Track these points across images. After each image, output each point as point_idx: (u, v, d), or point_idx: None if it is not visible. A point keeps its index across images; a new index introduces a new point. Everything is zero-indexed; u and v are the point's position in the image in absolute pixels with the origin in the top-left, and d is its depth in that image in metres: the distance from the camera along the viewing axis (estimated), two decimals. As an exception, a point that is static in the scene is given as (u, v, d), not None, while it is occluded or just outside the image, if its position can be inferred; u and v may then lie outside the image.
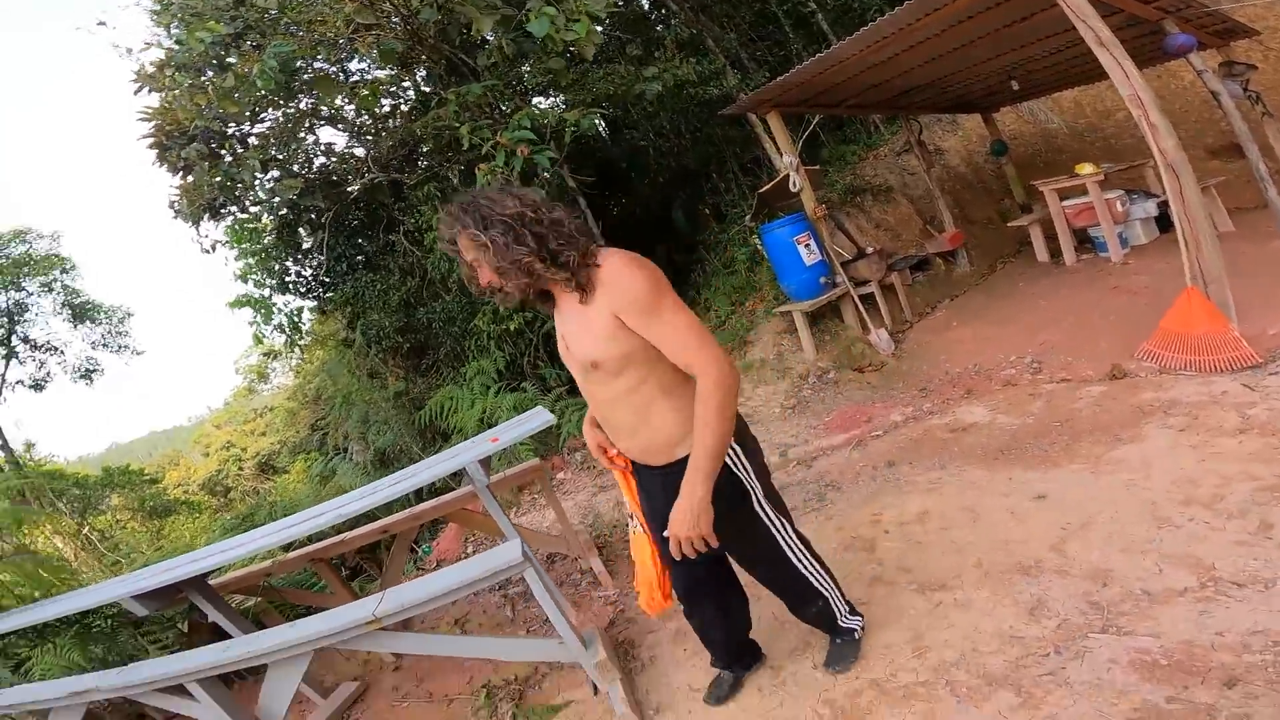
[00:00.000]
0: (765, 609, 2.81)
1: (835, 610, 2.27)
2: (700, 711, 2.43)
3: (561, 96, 7.22)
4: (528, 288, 1.75)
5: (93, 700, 2.81)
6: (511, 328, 6.63)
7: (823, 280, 5.66)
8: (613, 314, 1.67)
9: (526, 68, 6.61)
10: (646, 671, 2.77)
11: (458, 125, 6.23)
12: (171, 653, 3.43)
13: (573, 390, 6.05)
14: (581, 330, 1.74)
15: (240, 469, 17.64)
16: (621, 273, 1.67)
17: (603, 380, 1.78)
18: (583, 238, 1.72)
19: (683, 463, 1.77)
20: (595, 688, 2.73)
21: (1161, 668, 1.89)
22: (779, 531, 2.07)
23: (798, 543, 2.14)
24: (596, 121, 5.89)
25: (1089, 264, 6.09)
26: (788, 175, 5.85)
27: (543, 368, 6.89)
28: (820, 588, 2.20)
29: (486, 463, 3.32)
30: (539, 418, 3.35)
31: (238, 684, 3.71)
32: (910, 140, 7.42)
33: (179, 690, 2.70)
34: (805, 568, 2.15)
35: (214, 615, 3.28)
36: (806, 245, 5.64)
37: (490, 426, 5.35)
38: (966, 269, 6.93)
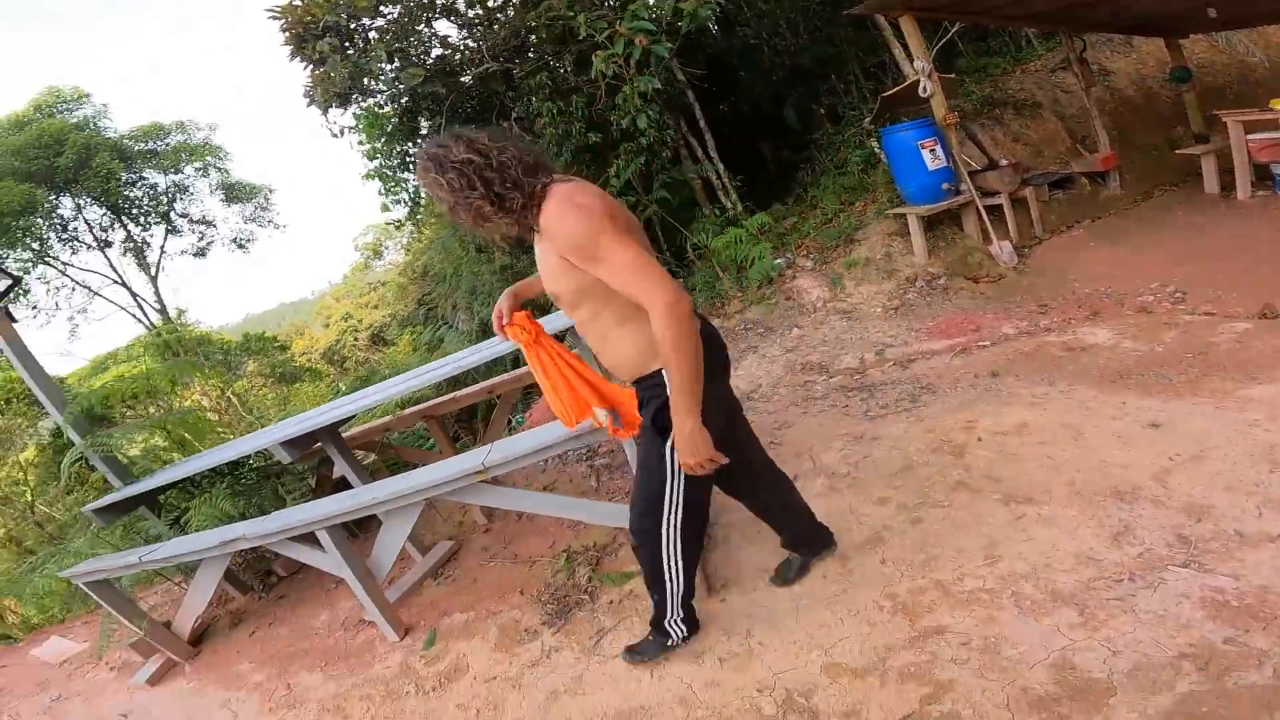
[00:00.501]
0: (842, 500, 2.88)
1: (669, 607, 2.20)
2: (764, 590, 2.50)
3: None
4: (485, 227, 1.80)
5: (239, 548, 3.17)
6: (619, 209, 6.69)
7: (945, 186, 5.38)
8: (559, 254, 1.72)
9: None
10: (718, 549, 2.85)
11: (571, 15, 6.11)
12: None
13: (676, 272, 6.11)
14: (543, 264, 1.81)
15: (355, 339, 19.07)
16: (558, 218, 1.67)
17: (575, 305, 1.84)
18: (530, 179, 1.71)
19: (648, 378, 1.87)
20: None
21: (1230, 609, 1.84)
22: (671, 481, 1.96)
23: (679, 513, 2.01)
24: (712, 12, 5.62)
25: (1263, 200, 5.46)
26: (917, 80, 5.50)
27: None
28: (668, 575, 2.10)
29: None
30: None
31: (351, 541, 4.23)
32: (1070, 57, 6.72)
33: (309, 539, 3.04)
34: (668, 541, 2.04)
35: (340, 466, 3.63)
36: (931, 150, 5.38)
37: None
38: (1116, 192, 6.35)
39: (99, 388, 4.52)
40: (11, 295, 4.14)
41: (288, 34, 6.66)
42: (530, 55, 7.38)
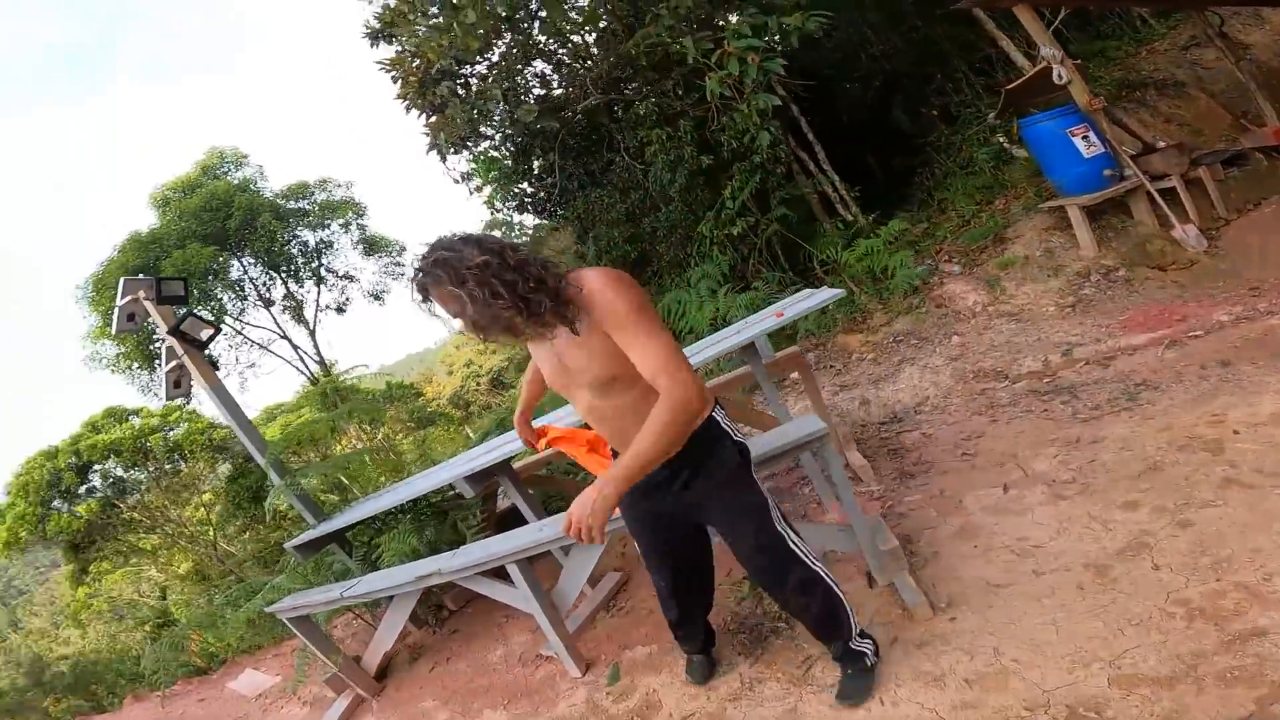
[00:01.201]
0: (1074, 508, 2.58)
1: (845, 617, 2.11)
2: (1001, 607, 2.27)
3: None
4: (503, 338, 1.72)
5: (432, 583, 3.14)
6: (735, 231, 6.61)
7: (1107, 173, 4.98)
8: (604, 332, 1.68)
9: None
10: (929, 566, 2.65)
11: (669, 40, 6.15)
12: (478, 538, 3.73)
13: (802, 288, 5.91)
14: (586, 355, 1.75)
15: (477, 384, 19.87)
16: (602, 292, 1.66)
17: (620, 391, 1.81)
18: (550, 276, 1.66)
19: (694, 438, 1.87)
20: (871, 579, 2.67)
21: None
22: (770, 502, 2.03)
23: (788, 526, 2.06)
24: (819, 24, 5.49)
25: None
26: (1043, 70, 5.19)
27: (765, 272, 6.81)
28: (819, 572, 2.05)
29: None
30: (825, 294, 3.25)
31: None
32: (1207, 33, 6.25)
33: (498, 574, 3.00)
34: (796, 546, 2.05)
35: (515, 499, 3.60)
36: (1084, 137, 5.01)
37: (724, 325, 5.40)
38: (1297, 164, 5.66)
39: (281, 435, 4.78)
40: (211, 343, 4.43)
41: (404, 83, 7.03)
42: (631, 86, 7.56)
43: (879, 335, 5.52)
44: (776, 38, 5.73)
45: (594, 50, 7.41)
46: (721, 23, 6.52)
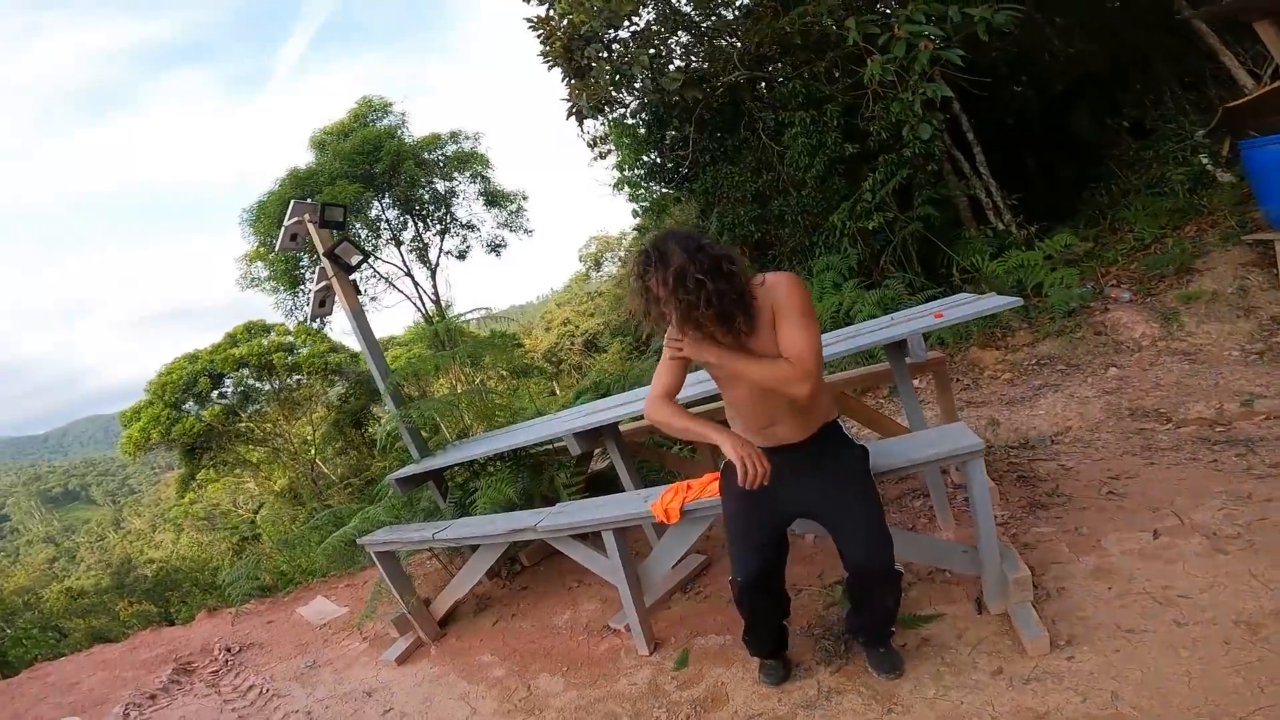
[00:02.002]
0: (1234, 564, 2.28)
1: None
2: (1127, 652, 2.08)
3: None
4: (695, 331, 2.02)
5: (525, 538, 3.13)
6: (870, 226, 6.27)
7: (1331, 207, 4.23)
8: (771, 308, 1.98)
9: None
10: (1053, 602, 2.43)
11: (830, 22, 5.80)
12: (574, 498, 3.74)
13: (937, 295, 5.50)
14: (760, 345, 2.01)
15: (572, 344, 20.30)
16: (787, 285, 1.99)
17: None
18: (747, 285, 1.96)
19: (826, 428, 2.20)
20: (980, 605, 2.49)
21: None
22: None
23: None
24: (1008, 19, 4.96)
25: None
26: (1275, 89, 4.67)
27: (895, 272, 6.42)
28: (901, 571, 2.15)
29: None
30: (996, 300, 2.94)
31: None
32: None
33: (590, 538, 2.96)
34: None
35: (617, 464, 3.51)
36: None
37: (848, 322, 5.13)
38: None
39: (395, 367, 4.94)
40: (360, 269, 4.66)
41: (551, 45, 7.07)
42: (777, 65, 7.26)
43: (1019, 355, 5.07)
44: (951, 28, 5.27)
45: (741, 26, 7.17)
46: (887, 10, 6.11)
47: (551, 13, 6.99)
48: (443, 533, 3.45)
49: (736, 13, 7.34)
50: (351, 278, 4.53)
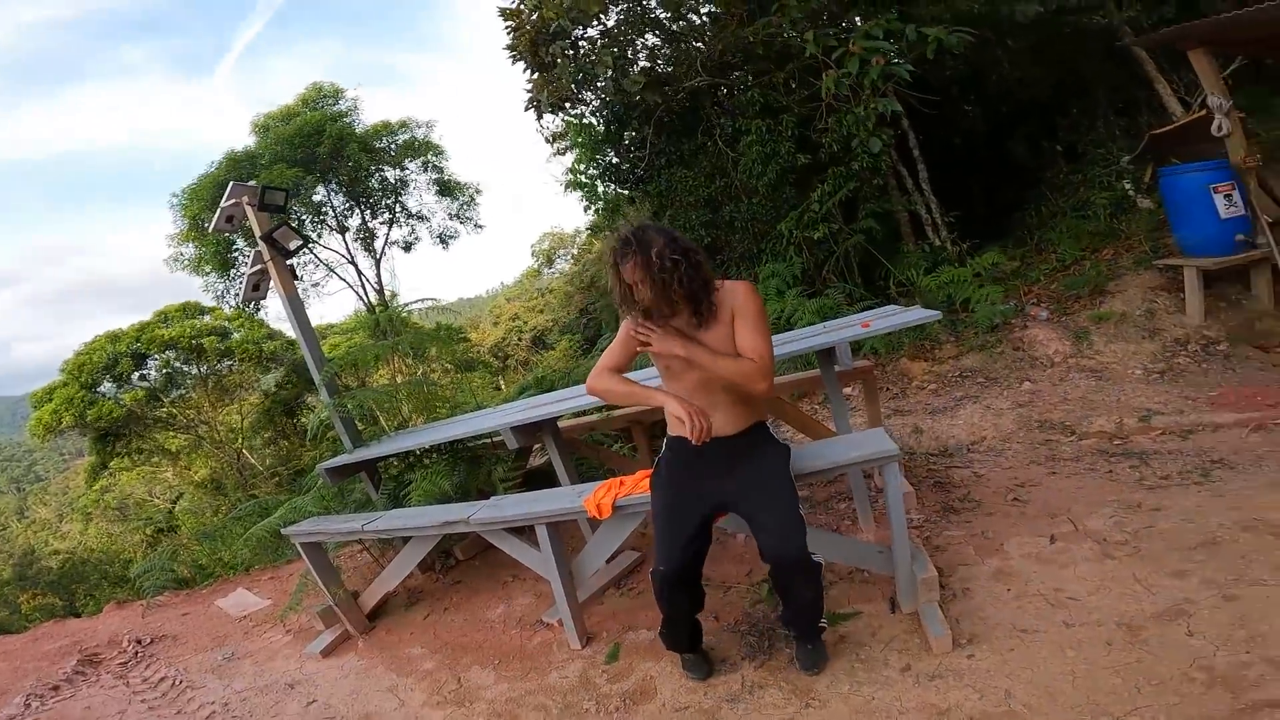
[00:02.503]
0: (1120, 568, 2.46)
1: (822, 607, 2.35)
2: (1023, 651, 2.23)
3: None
4: (655, 307, 2.19)
5: (458, 530, 3.12)
6: (816, 236, 6.43)
7: (1239, 238, 4.58)
8: (731, 310, 2.20)
9: None
10: (958, 602, 2.59)
11: (794, 33, 5.95)
12: (509, 492, 3.71)
13: (874, 305, 5.72)
14: (721, 337, 2.22)
15: (519, 340, 20.13)
16: (746, 292, 2.23)
17: None
18: (709, 278, 2.21)
19: (756, 426, 2.37)
20: (894, 605, 2.64)
21: None
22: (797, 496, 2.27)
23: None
24: (960, 41, 5.18)
25: None
26: (1198, 119, 4.89)
27: (836, 282, 6.63)
28: (821, 563, 2.22)
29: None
30: (918, 313, 3.12)
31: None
32: None
33: (524, 532, 2.98)
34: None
35: (556, 459, 3.53)
36: (1227, 196, 4.58)
37: (789, 328, 5.27)
38: None
39: (333, 356, 4.85)
40: (298, 254, 4.54)
41: (517, 38, 7.03)
42: (739, 73, 7.38)
43: (945, 367, 5.32)
44: (905, 46, 5.48)
45: (708, 31, 7.27)
46: (846, 24, 6.30)
47: (522, 6, 6.97)
48: (373, 524, 3.41)
49: (704, 18, 7.43)
50: (289, 263, 4.43)
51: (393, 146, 12.82)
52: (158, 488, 12.43)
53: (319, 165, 11.80)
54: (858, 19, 6.27)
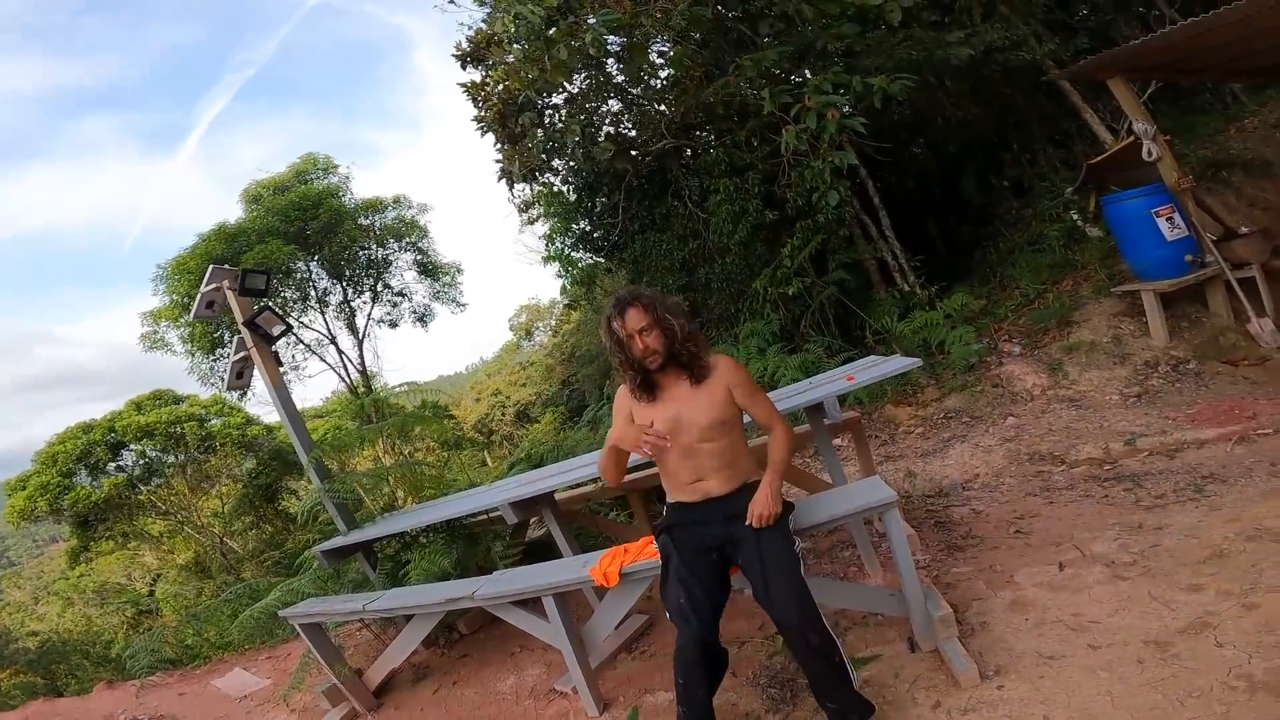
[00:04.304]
0: (1134, 588, 2.50)
1: (852, 674, 2.24)
2: (1052, 678, 2.22)
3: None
4: (661, 360, 2.33)
5: (462, 606, 3.11)
6: (790, 291, 6.57)
7: (1188, 259, 4.82)
8: (727, 387, 2.36)
9: (813, 33, 6.41)
10: (977, 636, 2.59)
11: (751, 91, 6.25)
12: (510, 566, 3.72)
13: (854, 357, 5.83)
14: (702, 403, 2.35)
15: (503, 414, 20.02)
16: (732, 364, 2.42)
17: (722, 434, 2.37)
18: (701, 338, 2.42)
19: (748, 485, 2.40)
20: (913, 645, 2.62)
21: None
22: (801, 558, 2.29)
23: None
24: (903, 89, 5.50)
25: None
26: (1129, 145, 5.13)
27: (814, 335, 6.75)
28: (829, 628, 2.18)
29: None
30: (899, 362, 3.22)
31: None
32: None
33: (530, 604, 2.96)
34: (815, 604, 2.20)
35: (554, 530, 3.53)
36: (1169, 219, 4.83)
37: (774, 387, 5.35)
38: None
39: (318, 440, 4.82)
40: (280, 340, 4.53)
41: (486, 110, 7.23)
42: (701, 133, 7.63)
43: (929, 410, 5.42)
44: (856, 97, 5.76)
45: (669, 95, 7.50)
46: (799, 79, 6.58)
47: (487, 78, 7.23)
48: (374, 603, 3.36)
49: (664, 82, 7.67)
50: (273, 348, 4.42)
51: (379, 224, 12.83)
52: (136, 571, 12.11)
53: (310, 240, 11.70)
54: (808, 72, 6.57)
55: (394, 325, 13.27)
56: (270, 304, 4.60)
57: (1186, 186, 4.95)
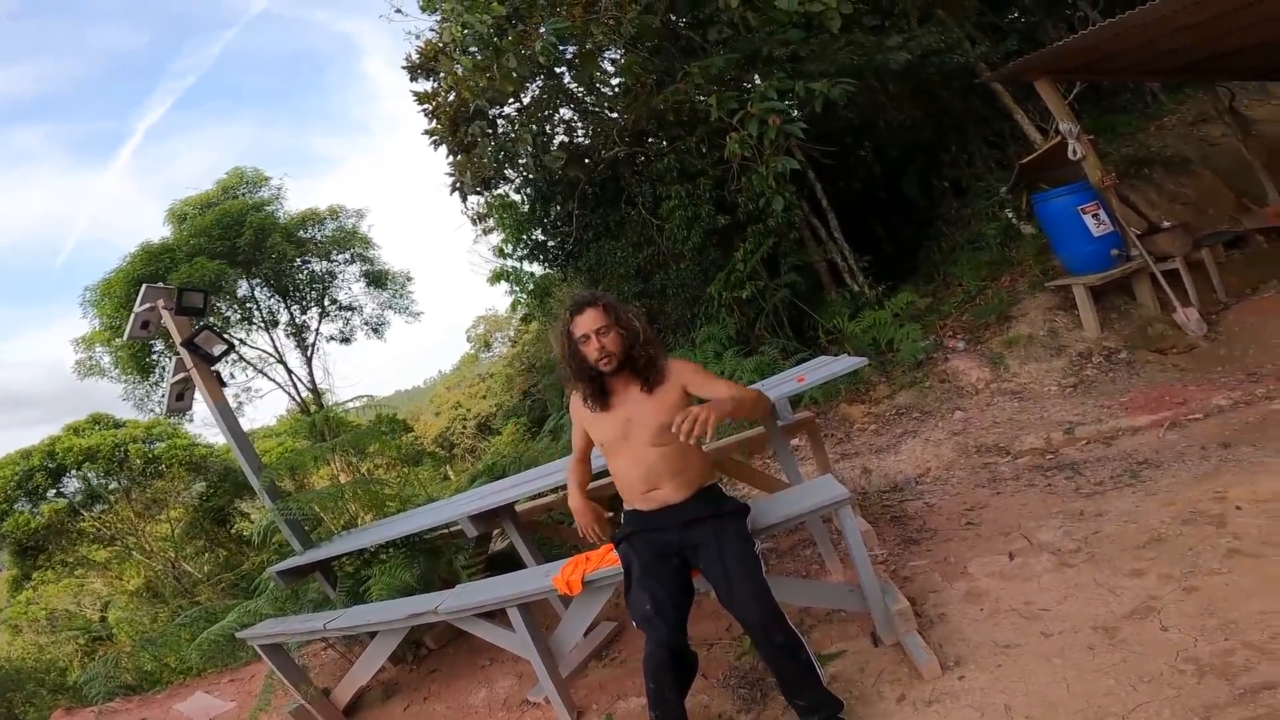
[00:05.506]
0: (1080, 575, 2.61)
1: (817, 670, 2.26)
2: (1010, 666, 2.30)
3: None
4: (617, 364, 2.32)
5: (427, 621, 3.06)
6: (744, 295, 6.69)
7: (1113, 253, 5.08)
8: (681, 388, 2.36)
9: (760, 39, 6.55)
10: (936, 627, 2.67)
11: (701, 98, 6.35)
12: (473, 579, 3.67)
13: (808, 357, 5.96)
14: (654, 409, 2.33)
15: (464, 427, 19.78)
16: (681, 362, 2.45)
17: (673, 437, 2.17)
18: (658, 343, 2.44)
19: (711, 487, 2.45)
20: (876, 639, 2.68)
21: None
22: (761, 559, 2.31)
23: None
24: (844, 93, 5.65)
25: None
26: (1056, 145, 5.36)
27: (769, 337, 6.88)
28: (793, 628, 2.21)
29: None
30: (846, 361, 3.32)
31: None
32: (1216, 109, 6.54)
33: (496, 617, 2.95)
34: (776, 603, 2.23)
35: (516, 541, 3.54)
36: (1095, 215, 5.10)
37: (732, 389, 5.43)
38: (1297, 246, 5.82)
39: (270, 461, 4.71)
40: (224, 359, 4.39)
41: (437, 120, 7.15)
42: (653, 140, 7.69)
43: (881, 407, 5.58)
44: (799, 102, 5.89)
45: (620, 102, 7.53)
46: (748, 84, 6.69)
47: (438, 87, 7.14)
48: (335, 622, 3.30)
49: (615, 89, 7.71)
50: (214, 368, 4.29)
51: (320, 236, 12.48)
52: (86, 598, 11.62)
53: (241, 257, 11.33)
54: (757, 78, 6.70)
55: (346, 341, 12.98)
56: (210, 323, 4.47)
57: (1110, 184, 5.22)
